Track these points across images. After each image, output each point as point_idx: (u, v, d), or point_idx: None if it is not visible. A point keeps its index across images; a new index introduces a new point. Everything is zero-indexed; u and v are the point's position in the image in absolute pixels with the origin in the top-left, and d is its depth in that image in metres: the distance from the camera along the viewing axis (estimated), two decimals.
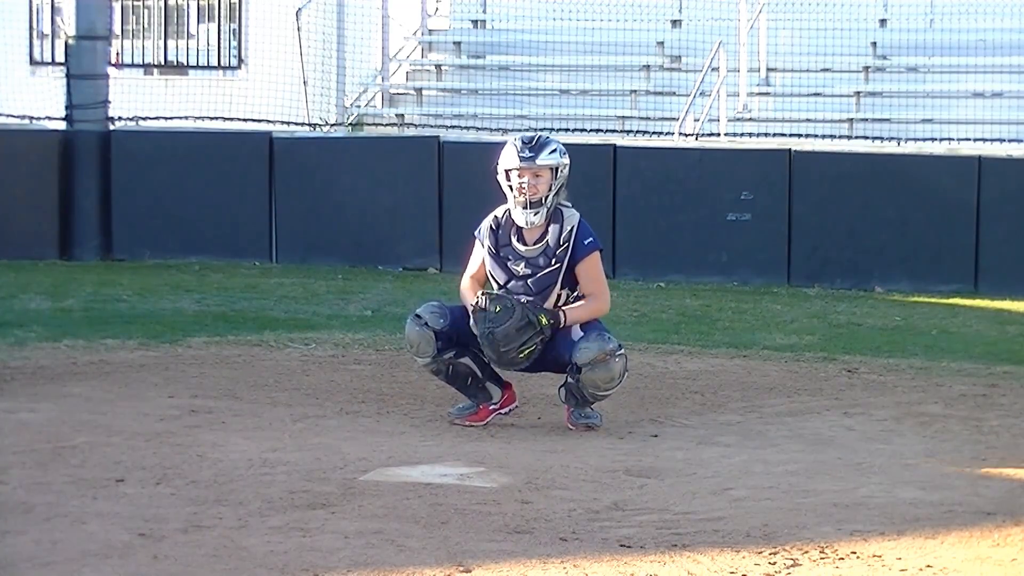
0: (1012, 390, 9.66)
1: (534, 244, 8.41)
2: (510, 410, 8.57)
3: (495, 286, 8.48)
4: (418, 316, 8.39)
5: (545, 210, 8.36)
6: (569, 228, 8.37)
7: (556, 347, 8.34)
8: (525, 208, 8.34)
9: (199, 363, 10.08)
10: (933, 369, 10.41)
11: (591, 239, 8.43)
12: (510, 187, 8.38)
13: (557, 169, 8.38)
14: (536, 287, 8.38)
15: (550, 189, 8.36)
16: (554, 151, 8.40)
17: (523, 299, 8.34)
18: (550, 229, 8.39)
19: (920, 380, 10.00)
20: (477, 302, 8.27)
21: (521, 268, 8.41)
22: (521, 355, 8.27)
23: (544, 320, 8.26)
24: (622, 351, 8.32)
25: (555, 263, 8.35)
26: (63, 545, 5.96)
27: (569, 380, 8.32)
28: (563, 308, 8.37)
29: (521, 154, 8.34)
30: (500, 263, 8.45)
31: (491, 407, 8.51)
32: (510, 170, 8.37)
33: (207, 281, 14.51)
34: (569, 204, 8.49)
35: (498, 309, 8.23)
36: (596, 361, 8.21)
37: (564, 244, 8.36)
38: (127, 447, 7.66)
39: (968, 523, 6.51)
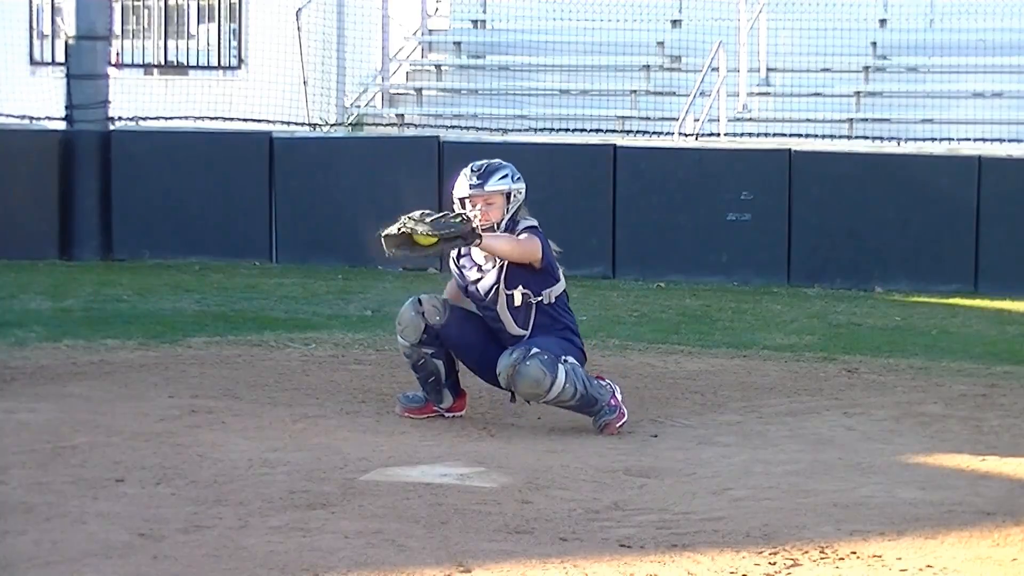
0: (1012, 390, 9.67)
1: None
2: (454, 415, 8.64)
3: (463, 295, 8.57)
4: (419, 303, 8.48)
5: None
6: (522, 229, 8.39)
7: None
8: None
9: (199, 363, 10.08)
10: (933, 369, 10.41)
11: (526, 228, 8.37)
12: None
13: (510, 194, 8.41)
14: (483, 290, 8.42)
15: (505, 212, 8.39)
16: (504, 176, 8.42)
17: (481, 307, 8.42)
18: None
19: (920, 380, 10.00)
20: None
21: (473, 274, 8.47)
22: (423, 243, 8.08)
23: (458, 219, 8.13)
24: (533, 353, 8.17)
25: (498, 264, 8.36)
26: (63, 545, 5.96)
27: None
28: (481, 233, 8.20)
29: (470, 182, 8.39)
30: (459, 271, 8.56)
31: (436, 407, 8.64)
32: (463, 199, 8.42)
33: (207, 281, 14.52)
34: (530, 218, 8.46)
35: (438, 218, 8.14)
36: (510, 377, 8.20)
37: None
38: (127, 447, 7.66)
39: (968, 523, 6.51)
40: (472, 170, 8.45)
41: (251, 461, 7.41)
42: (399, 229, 8.12)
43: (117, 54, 21.62)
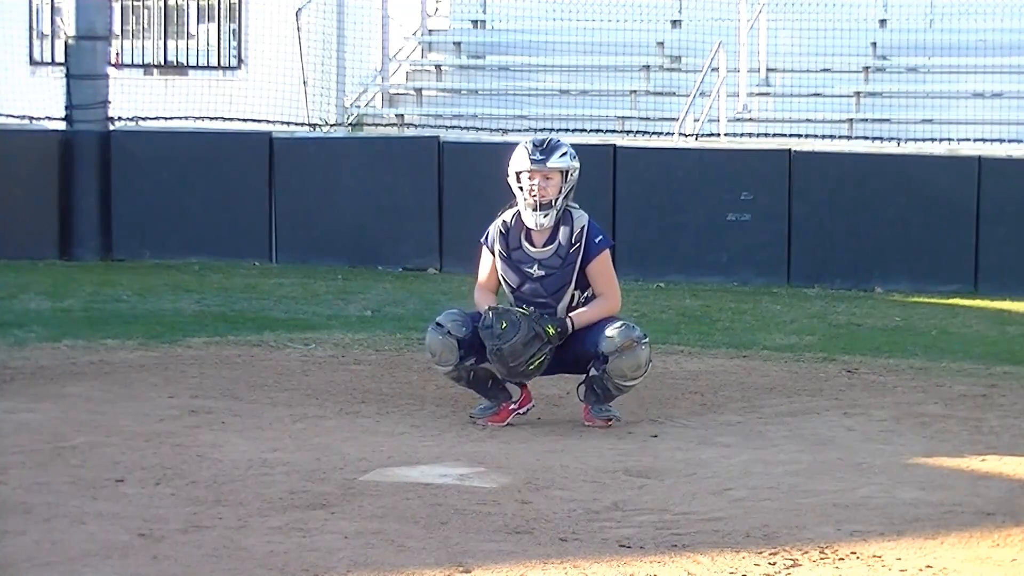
0: (1012, 390, 9.66)
1: (544, 246, 8.45)
2: (527, 409, 8.60)
3: (508, 290, 8.53)
4: (440, 325, 8.41)
5: (555, 212, 8.41)
6: (580, 228, 8.44)
7: (576, 344, 8.38)
8: (535, 210, 8.39)
9: (199, 363, 10.08)
10: (933, 369, 10.41)
11: (601, 237, 8.50)
12: (520, 189, 8.42)
13: (567, 172, 8.44)
14: (549, 289, 8.43)
15: (560, 192, 8.41)
16: (564, 154, 8.46)
17: (536, 303, 8.39)
18: (560, 230, 8.43)
19: (920, 380, 10.00)
20: (483, 318, 8.29)
21: (535, 270, 8.45)
22: (531, 367, 8.32)
23: (552, 331, 8.30)
24: (647, 339, 8.38)
25: (568, 264, 8.39)
26: (63, 545, 5.97)
27: (593, 373, 8.39)
28: (570, 316, 8.40)
29: (532, 156, 8.39)
30: (513, 267, 8.48)
31: (511, 407, 8.55)
32: (520, 172, 8.42)
33: (207, 281, 14.52)
34: (577, 206, 8.53)
35: (504, 325, 8.26)
36: (623, 348, 8.25)
37: (576, 244, 8.42)
38: (127, 447, 7.66)
39: (968, 523, 6.51)
40: (535, 144, 8.47)
41: (251, 461, 7.41)
42: (532, 365, 8.27)
43: (117, 54, 21.63)
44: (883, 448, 8.03)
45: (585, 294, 8.50)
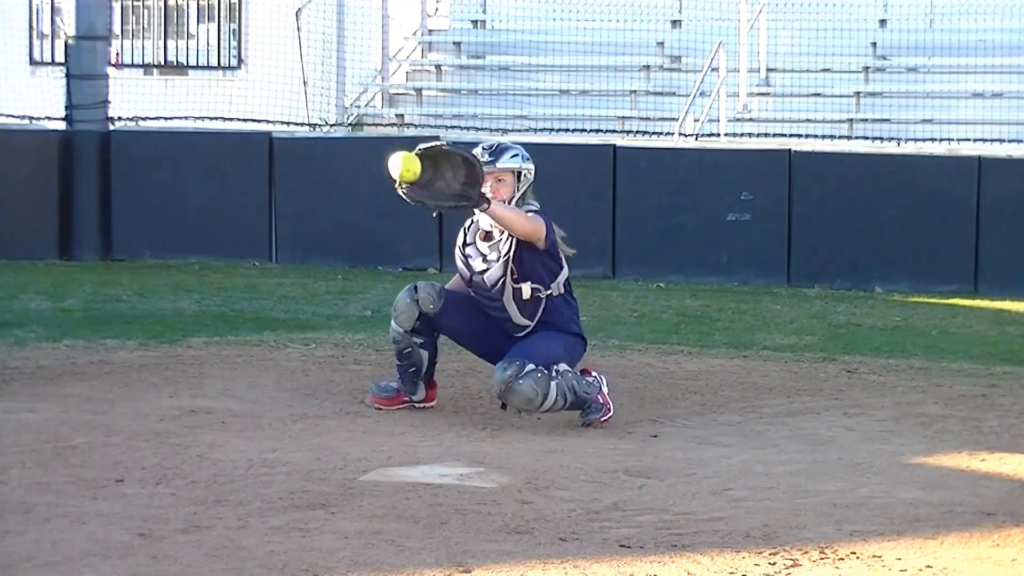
0: (1012, 390, 9.66)
1: (493, 241, 8.50)
2: (424, 407, 8.77)
3: (465, 285, 8.64)
4: (415, 290, 8.61)
5: None
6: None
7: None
8: None
9: (199, 363, 10.08)
10: (933, 369, 10.41)
11: (537, 209, 8.50)
12: None
13: (520, 173, 8.51)
14: (489, 281, 8.48)
15: (514, 192, 8.48)
16: (515, 155, 8.54)
17: (483, 297, 8.49)
18: None
19: (920, 380, 9.99)
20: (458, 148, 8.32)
21: (478, 264, 8.53)
22: (431, 196, 8.24)
23: (477, 190, 8.21)
24: (528, 372, 8.24)
25: (504, 256, 8.44)
26: (63, 545, 5.96)
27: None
28: (496, 280, 8.39)
29: (482, 158, 8.45)
30: (464, 262, 8.61)
31: (406, 399, 8.76)
32: None
33: (207, 281, 14.51)
34: (537, 206, 8.54)
35: (460, 167, 8.22)
36: (503, 392, 8.27)
37: (511, 236, 8.43)
38: (127, 447, 7.66)
39: (968, 523, 6.51)
40: (485, 147, 8.54)
41: (251, 461, 7.41)
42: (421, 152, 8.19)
43: (117, 54, 21.62)
44: (883, 448, 8.03)
45: (549, 291, 8.48)
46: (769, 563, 5.91)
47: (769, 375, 10.13)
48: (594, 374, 8.58)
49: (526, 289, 8.46)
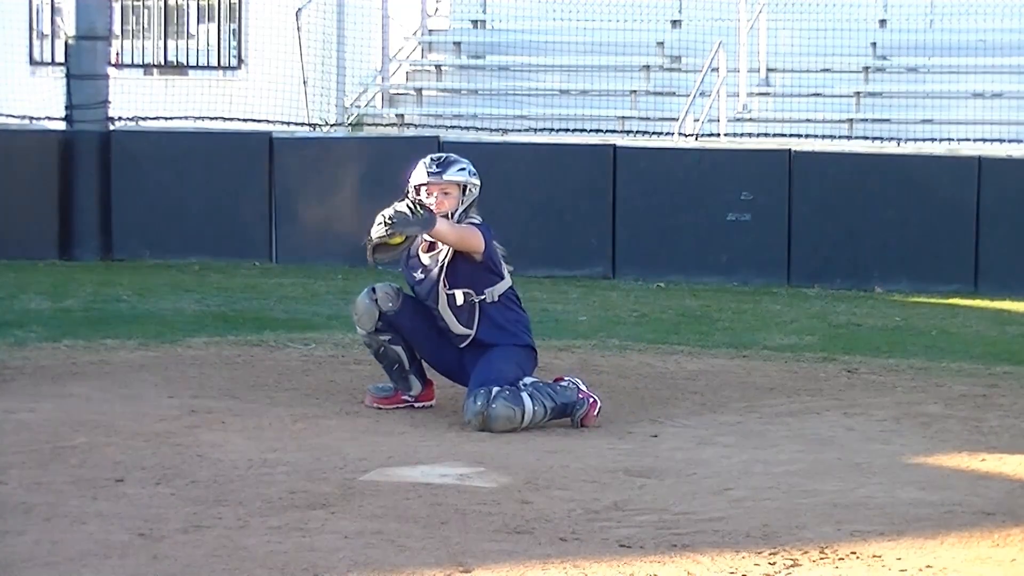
0: (1012, 390, 9.66)
1: (435, 252, 8.58)
2: (424, 406, 8.77)
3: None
4: (373, 291, 8.70)
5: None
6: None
7: (471, 370, 8.46)
8: None
9: (199, 363, 10.08)
10: (933, 369, 10.41)
11: (477, 222, 8.54)
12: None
13: (466, 187, 8.61)
14: (426, 289, 8.58)
15: (458, 205, 8.55)
16: (462, 169, 8.66)
17: (427, 304, 8.56)
18: None
19: (920, 380, 10.00)
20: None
21: (418, 274, 8.65)
22: (381, 239, 8.34)
23: (420, 211, 8.33)
24: (495, 394, 8.23)
25: (437, 264, 8.52)
26: (63, 545, 5.96)
27: None
28: (441, 219, 8.39)
29: (429, 170, 8.63)
30: (407, 272, 8.71)
31: (405, 397, 8.76)
32: (419, 185, 8.63)
33: (207, 281, 14.51)
34: (478, 219, 8.60)
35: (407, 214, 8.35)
36: (482, 424, 8.24)
37: (444, 247, 8.51)
38: (127, 447, 7.66)
39: (968, 523, 6.51)
40: (431, 159, 8.71)
41: (251, 461, 7.41)
42: (373, 240, 8.37)
43: (117, 54, 21.62)
44: (883, 448, 8.03)
45: (482, 297, 8.52)
46: (769, 563, 5.91)
47: (769, 375, 10.13)
48: (566, 379, 8.59)
49: (459, 295, 8.53)
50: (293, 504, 6.65)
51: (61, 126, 16.46)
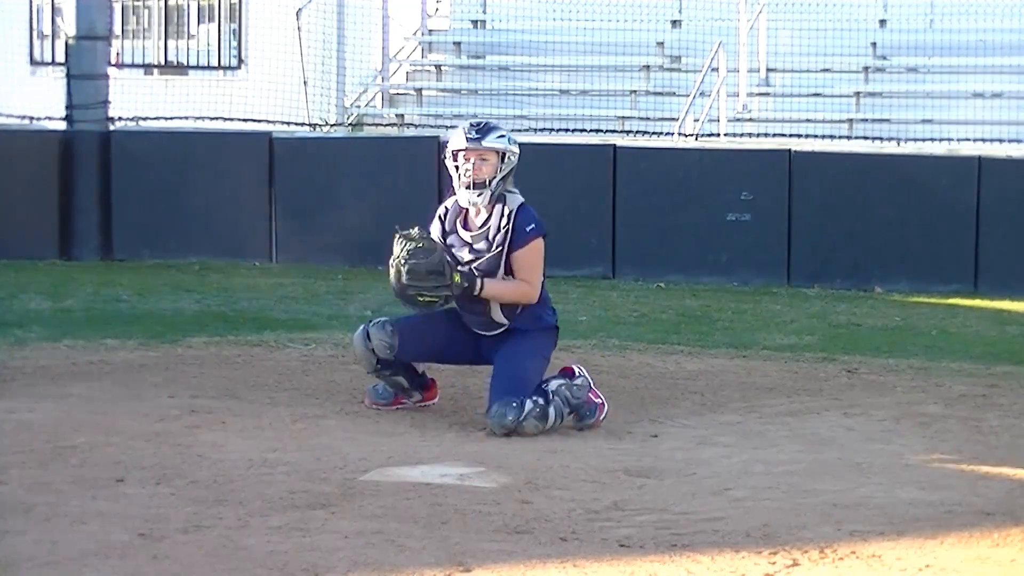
0: (1012, 390, 9.66)
1: (478, 230, 8.45)
2: (425, 404, 8.79)
3: None
4: (367, 336, 8.56)
5: (489, 193, 8.40)
6: (509, 212, 8.42)
7: (496, 360, 8.41)
8: (469, 189, 8.39)
9: (199, 363, 10.08)
10: (933, 369, 10.41)
11: (534, 225, 8.45)
12: (456, 168, 8.43)
13: (504, 154, 8.44)
14: (480, 273, 8.44)
15: (496, 173, 8.40)
16: (502, 136, 8.49)
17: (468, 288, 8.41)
18: (492, 215, 8.43)
19: (920, 380, 9.99)
20: (407, 230, 8.35)
21: (465, 254, 8.49)
22: (420, 299, 8.31)
23: (457, 278, 8.28)
24: (527, 412, 8.17)
25: (496, 248, 8.41)
26: (63, 545, 5.97)
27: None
28: (483, 277, 8.37)
29: (468, 135, 8.44)
30: (446, 251, 8.50)
31: (404, 400, 8.79)
32: (457, 151, 8.47)
33: (207, 281, 14.51)
34: (516, 191, 8.52)
35: (421, 244, 8.31)
36: (508, 432, 8.16)
37: (504, 229, 8.40)
38: (127, 447, 7.66)
39: (968, 523, 6.51)
40: (471, 125, 8.52)
41: (251, 461, 7.41)
42: (422, 299, 8.29)
43: (117, 54, 21.61)
44: (883, 448, 8.03)
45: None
46: (769, 563, 5.91)
47: (769, 375, 10.13)
48: (576, 370, 8.54)
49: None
50: (293, 504, 6.65)
51: (61, 126, 16.46)
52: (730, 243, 15.12)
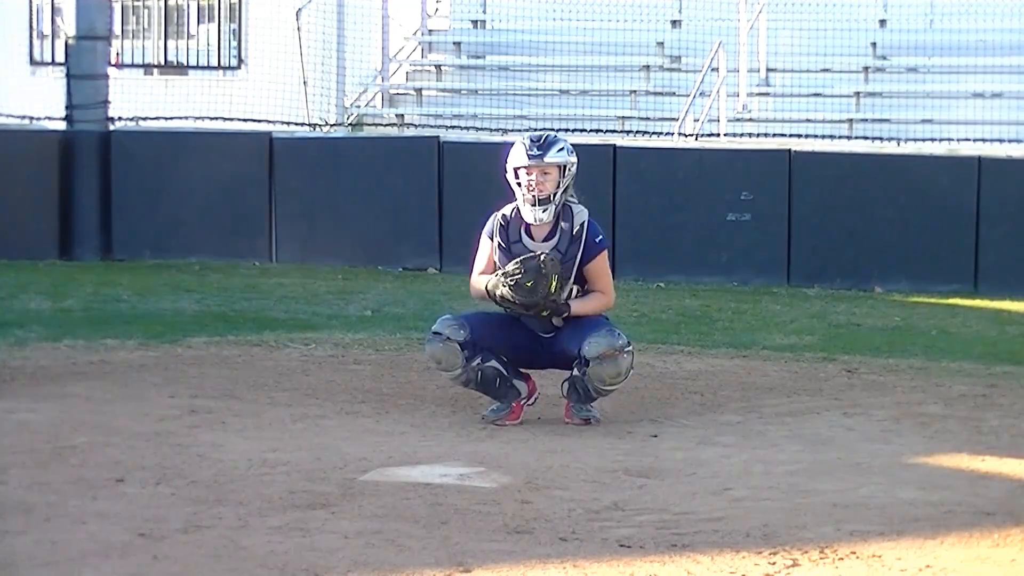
0: (1012, 390, 9.66)
1: (544, 240, 8.48)
2: (535, 399, 8.69)
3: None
4: (437, 333, 8.45)
5: (553, 207, 8.48)
6: (580, 224, 8.52)
7: (564, 340, 8.45)
8: (534, 205, 8.43)
9: (199, 363, 10.08)
10: (933, 369, 10.41)
11: (601, 237, 8.60)
12: (519, 184, 8.46)
13: (565, 167, 8.49)
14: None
15: (558, 186, 8.45)
16: (562, 149, 8.52)
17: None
18: (560, 225, 8.49)
19: (920, 380, 9.99)
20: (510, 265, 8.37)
21: None
22: (551, 292, 8.32)
23: (553, 282, 8.32)
24: (630, 347, 8.44)
25: (568, 259, 8.44)
26: (63, 545, 5.97)
27: (575, 373, 8.42)
28: (569, 302, 8.47)
29: (530, 152, 8.46)
30: (506, 259, 8.50)
31: (521, 402, 8.60)
32: (519, 168, 8.49)
33: (207, 281, 14.52)
34: (576, 200, 8.58)
35: (523, 270, 8.35)
36: (604, 356, 8.29)
37: (576, 240, 8.46)
38: (127, 447, 7.66)
39: (968, 523, 6.51)
40: (532, 140, 8.54)
41: (251, 461, 7.41)
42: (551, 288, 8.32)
43: (117, 54, 21.62)
44: (883, 448, 8.03)
45: (584, 289, 8.56)
46: (769, 563, 5.91)
47: (769, 375, 10.13)
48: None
49: (576, 289, 8.56)
50: (293, 504, 6.65)
51: (61, 126, 16.46)
52: (730, 243, 15.12)
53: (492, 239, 8.58)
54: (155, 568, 5.74)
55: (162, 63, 23.42)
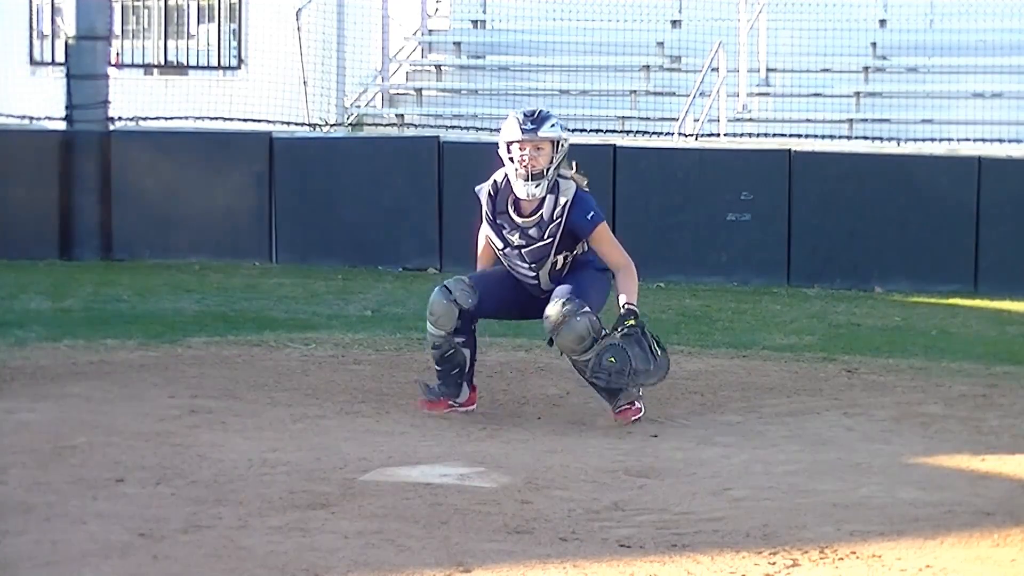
0: (1012, 390, 9.66)
1: (529, 216, 8.50)
2: (466, 411, 8.72)
3: (495, 250, 8.66)
4: (448, 290, 8.55)
5: (546, 182, 8.50)
6: (563, 202, 8.49)
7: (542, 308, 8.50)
8: (526, 180, 8.44)
9: (199, 363, 10.08)
10: (933, 369, 10.41)
11: (592, 213, 8.56)
12: (511, 159, 8.46)
13: (558, 142, 8.53)
14: (530, 258, 8.58)
15: (551, 162, 8.47)
16: (555, 124, 8.65)
17: (517, 267, 8.56)
18: (546, 202, 8.47)
19: (920, 380, 9.99)
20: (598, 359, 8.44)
21: (516, 238, 8.59)
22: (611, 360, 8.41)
23: (631, 321, 8.51)
24: (585, 309, 8.38)
25: (548, 237, 8.50)
26: (63, 545, 5.96)
27: (585, 377, 8.47)
28: (622, 303, 8.53)
29: (523, 126, 8.56)
30: (496, 230, 8.62)
31: (451, 403, 8.70)
32: (511, 142, 8.56)
33: (207, 281, 14.51)
34: (569, 175, 8.54)
35: (613, 360, 8.42)
36: (558, 324, 8.30)
37: (557, 219, 8.49)
38: (127, 447, 7.65)
39: (968, 523, 6.51)
40: (525, 115, 8.65)
41: (251, 461, 7.41)
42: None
43: (117, 54, 21.62)
44: (883, 448, 8.03)
45: (574, 253, 8.59)
46: (769, 563, 5.91)
47: (769, 375, 10.13)
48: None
49: (560, 260, 8.58)
50: (293, 504, 6.65)
51: (61, 126, 16.46)
52: (730, 243, 15.12)
53: (482, 207, 8.64)
54: (155, 568, 5.74)
55: (162, 63, 23.42)
